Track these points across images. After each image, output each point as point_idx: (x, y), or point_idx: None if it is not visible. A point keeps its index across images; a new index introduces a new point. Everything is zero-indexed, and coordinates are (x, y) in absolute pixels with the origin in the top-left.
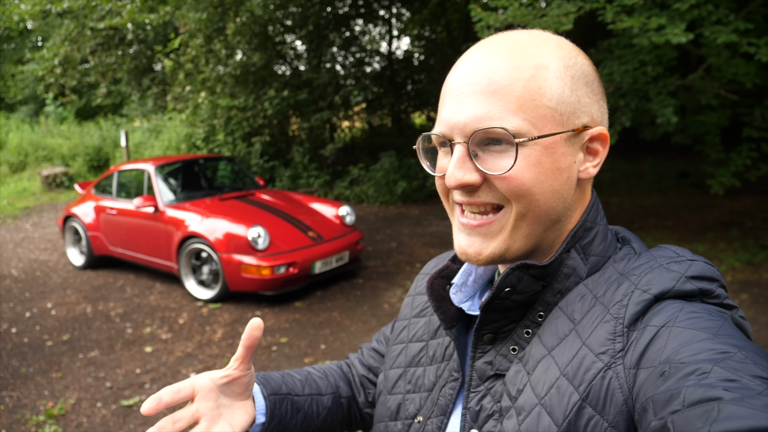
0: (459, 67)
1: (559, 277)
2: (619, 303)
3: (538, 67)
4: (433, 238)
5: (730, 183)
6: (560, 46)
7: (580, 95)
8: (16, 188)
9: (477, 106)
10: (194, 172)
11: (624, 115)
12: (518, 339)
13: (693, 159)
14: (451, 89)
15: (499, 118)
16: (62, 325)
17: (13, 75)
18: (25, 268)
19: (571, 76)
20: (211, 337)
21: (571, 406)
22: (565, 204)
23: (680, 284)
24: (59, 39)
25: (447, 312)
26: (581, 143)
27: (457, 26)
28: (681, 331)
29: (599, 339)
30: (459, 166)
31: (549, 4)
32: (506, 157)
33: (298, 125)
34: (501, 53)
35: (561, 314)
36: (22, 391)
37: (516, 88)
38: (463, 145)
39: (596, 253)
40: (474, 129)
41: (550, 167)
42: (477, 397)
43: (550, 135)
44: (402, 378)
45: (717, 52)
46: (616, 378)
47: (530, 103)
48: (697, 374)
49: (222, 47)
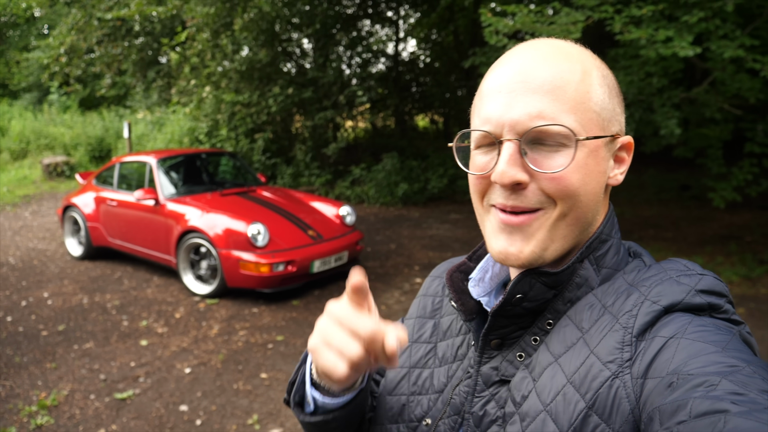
0: (506, 66)
1: (570, 287)
2: (628, 313)
3: (585, 72)
4: (433, 241)
5: (731, 197)
6: (594, 57)
7: (615, 104)
8: (16, 176)
9: (531, 104)
10: (196, 167)
11: (627, 126)
12: (525, 346)
13: (694, 172)
14: (499, 87)
15: (553, 117)
16: (58, 316)
17: (18, 62)
18: (22, 257)
19: (607, 84)
20: (207, 333)
21: (577, 414)
22: (596, 208)
23: (690, 297)
24: (66, 28)
25: (467, 304)
26: (613, 150)
27: (464, 31)
28: (690, 343)
29: (607, 348)
30: (512, 163)
31: (558, 12)
32: (558, 156)
33: (301, 123)
34: (551, 55)
35: (569, 322)
36: (16, 380)
37: (569, 90)
38: (515, 142)
39: (609, 265)
40: (528, 127)
41: (594, 170)
42: (481, 402)
43: (597, 138)
44: (405, 379)
45: (722, 66)
46: (623, 387)
47: (581, 105)
48: (704, 386)
49: (228, 42)
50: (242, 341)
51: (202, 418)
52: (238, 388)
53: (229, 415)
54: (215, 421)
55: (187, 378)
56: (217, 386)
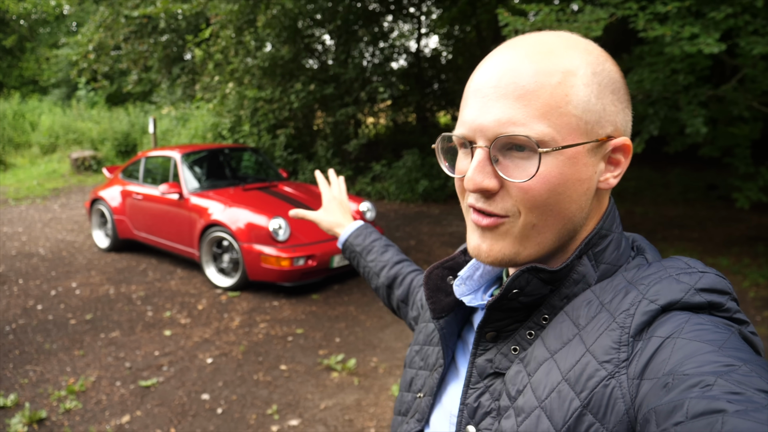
0: (484, 68)
1: (567, 283)
2: (625, 312)
3: (566, 72)
4: (452, 238)
5: (757, 197)
6: (588, 51)
7: (605, 103)
8: (46, 169)
9: (501, 110)
10: (219, 162)
11: (652, 124)
12: (520, 339)
13: (722, 171)
14: (475, 90)
15: (523, 124)
16: (85, 305)
17: (48, 58)
18: (52, 248)
19: (598, 83)
20: (228, 325)
21: (571, 412)
22: (582, 214)
23: (689, 296)
24: (94, 25)
25: (439, 303)
26: (604, 153)
27: (487, 26)
28: (686, 343)
29: (604, 347)
30: (479, 170)
31: (581, 10)
32: (528, 164)
33: (323, 119)
34: (528, 56)
35: (566, 318)
36: (45, 366)
37: (542, 94)
38: (485, 149)
39: (608, 261)
40: (497, 134)
41: (571, 178)
42: (476, 393)
43: (574, 145)
44: (418, 354)
45: (752, 63)
46: (618, 387)
47: (556, 110)
48: (700, 386)
49: (252, 39)
50: (263, 333)
51: (223, 407)
52: (258, 378)
53: (249, 404)
54: (235, 410)
55: (208, 368)
56: (237, 376)
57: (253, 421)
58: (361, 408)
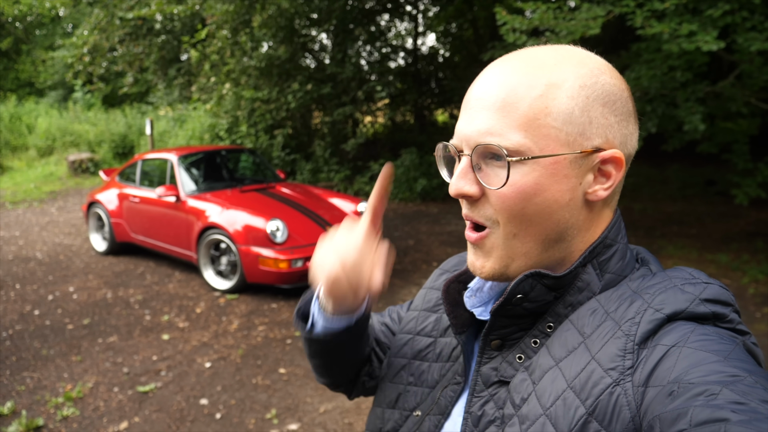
0: (476, 82)
1: (572, 290)
2: (631, 320)
3: (549, 85)
4: (451, 237)
5: (755, 193)
6: (582, 64)
7: (594, 116)
8: (43, 172)
9: (482, 121)
10: (216, 163)
11: (650, 121)
12: (525, 348)
13: (720, 167)
14: (465, 102)
15: (500, 134)
16: (83, 310)
17: (44, 61)
18: (49, 252)
19: (585, 96)
20: (226, 328)
21: (576, 420)
22: (567, 225)
23: (694, 306)
24: (89, 27)
25: (459, 317)
26: (591, 165)
27: (484, 23)
28: (691, 352)
29: (609, 355)
30: (461, 176)
31: (578, 7)
32: (504, 173)
33: (320, 119)
34: (516, 70)
35: (571, 327)
36: (43, 372)
37: (521, 106)
38: (468, 157)
39: (613, 270)
40: (476, 143)
41: (549, 188)
42: (480, 402)
43: (551, 156)
44: (405, 369)
45: (750, 59)
46: (624, 395)
47: (534, 121)
48: (705, 395)
49: (248, 39)
50: (261, 336)
51: (222, 412)
52: (257, 382)
53: (248, 409)
54: (234, 415)
55: (207, 372)
56: (236, 381)
57: (252, 426)
58: (360, 411)
